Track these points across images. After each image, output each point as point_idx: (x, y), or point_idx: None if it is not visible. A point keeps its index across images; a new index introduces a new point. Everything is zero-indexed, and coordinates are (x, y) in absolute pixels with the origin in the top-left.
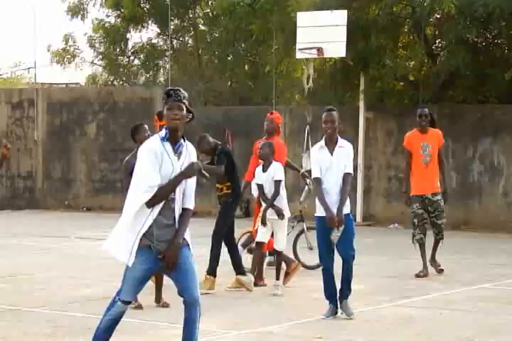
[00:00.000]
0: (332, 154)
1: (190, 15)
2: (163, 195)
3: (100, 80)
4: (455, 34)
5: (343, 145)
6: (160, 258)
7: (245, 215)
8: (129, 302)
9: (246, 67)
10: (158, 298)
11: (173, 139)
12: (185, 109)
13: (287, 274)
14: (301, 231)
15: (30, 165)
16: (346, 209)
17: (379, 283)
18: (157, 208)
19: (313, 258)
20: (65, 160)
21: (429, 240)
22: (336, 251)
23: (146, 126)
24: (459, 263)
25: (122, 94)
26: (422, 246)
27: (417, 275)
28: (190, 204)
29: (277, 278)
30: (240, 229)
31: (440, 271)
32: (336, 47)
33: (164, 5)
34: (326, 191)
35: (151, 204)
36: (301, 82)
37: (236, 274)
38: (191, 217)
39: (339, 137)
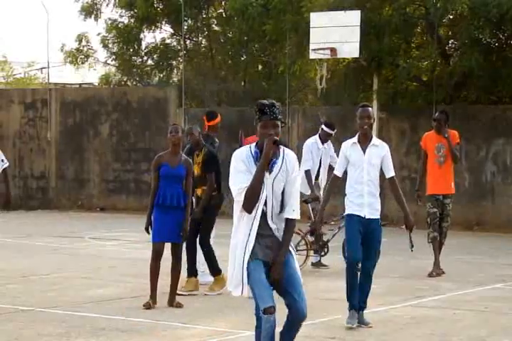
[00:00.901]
0: (364, 153)
1: (204, 16)
2: (253, 193)
3: (113, 80)
4: (468, 35)
5: (377, 144)
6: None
7: None
8: (273, 308)
9: (259, 67)
10: (171, 300)
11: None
12: (280, 125)
13: None
14: None
15: (43, 166)
16: (376, 214)
17: (392, 284)
18: (256, 223)
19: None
20: (78, 161)
21: (447, 242)
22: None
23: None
24: (472, 264)
25: (136, 94)
26: (435, 245)
27: (430, 275)
28: (290, 214)
29: None
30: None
31: (433, 275)
32: (350, 48)
33: (177, 5)
34: (356, 191)
35: (248, 208)
36: (315, 83)
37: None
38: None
39: (374, 136)
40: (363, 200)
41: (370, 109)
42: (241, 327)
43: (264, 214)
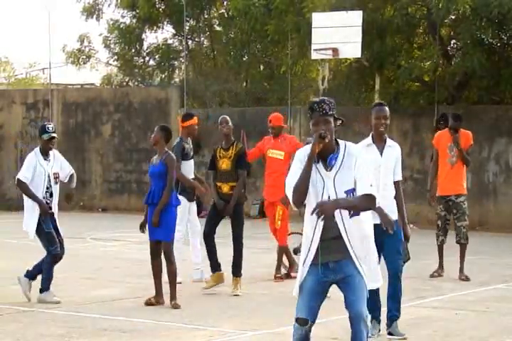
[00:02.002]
0: (382, 154)
1: (206, 16)
2: (300, 185)
3: (115, 81)
4: (470, 35)
5: (392, 146)
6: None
7: (261, 215)
8: (305, 321)
9: (261, 67)
10: (171, 299)
11: (323, 154)
12: (332, 121)
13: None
14: None
15: None
16: (392, 216)
17: None
18: (319, 226)
19: None
20: (80, 161)
21: (452, 242)
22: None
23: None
24: (474, 264)
25: (137, 95)
26: (441, 248)
27: (432, 276)
28: (364, 190)
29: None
30: (255, 229)
31: (464, 279)
32: (352, 48)
33: (179, 5)
34: None
35: (295, 201)
36: (317, 83)
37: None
38: None
39: (387, 136)
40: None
41: (386, 108)
42: (243, 328)
43: (330, 217)
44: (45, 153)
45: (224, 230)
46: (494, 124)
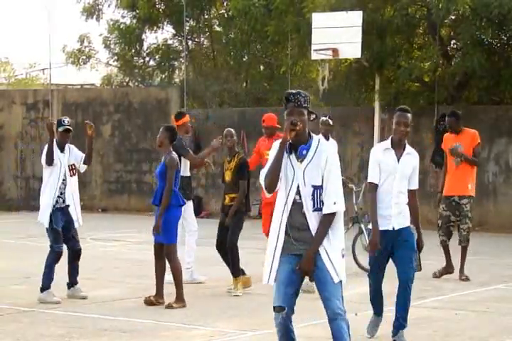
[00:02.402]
0: (399, 160)
1: (206, 17)
2: (270, 171)
3: (115, 81)
4: (470, 35)
5: (411, 153)
6: (296, 269)
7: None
8: (282, 308)
9: (261, 68)
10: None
11: (295, 145)
12: (306, 113)
13: None
14: (360, 233)
15: None
16: (405, 222)
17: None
18: (286, 212)
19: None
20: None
21: (454, 243)
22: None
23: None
24: (474, 264)
25: (137, 95)
26: (444, 248)
27: (435, 275)
28: (328, 208)
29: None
30: (255, 229)
31: (464, 280)
32: (351, 48)
33: (179, 6)
34: (384, 202)
35: (267, 186)
36: (317, 83)
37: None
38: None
39: (406, 142)
40: (390, 212)
41: (408, 114)
42: (243, 328)
43: (299, 205)
44: (61, 146)
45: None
46: (494, 124)
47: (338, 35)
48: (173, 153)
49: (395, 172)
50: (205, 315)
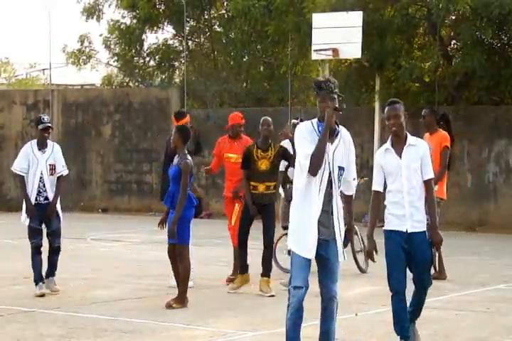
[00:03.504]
0: (401, 156)
1: (206, 17)
2: (317, 157)
3: (115, 81)
4: (470, 35)
5: (415, 144)
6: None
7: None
8: (301, 288)
9: (262, 68)
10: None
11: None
12: (336, 98)
13: None
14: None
15: None
16: (419, 226)
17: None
18: (322, 193)
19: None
20: (81, 162)
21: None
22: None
23: None
24: (475, 264)
25: (138, 95)
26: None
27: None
28: (351, 189)
29: None
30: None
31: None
32: (352, 49)
33: (180, 6)
34: (396, 201)
35: (314, 169)
36: None
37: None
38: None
39: (408, 134)
40: (404, 212)
41: (397, 105)
42: (243, 328)
43: (330, 181)
44: (41, 144)
45: (224, 231)
46: (494, 125)
47: (338, 36)
48: (189, 156)
49: (399, 169)
50: (205, 315)
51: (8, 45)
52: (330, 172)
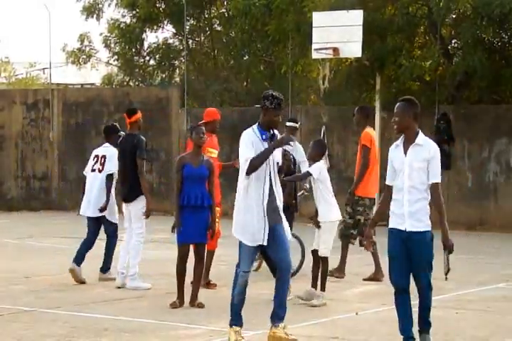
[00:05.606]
0: (406, 154)
1: (206, 16)
2: (257, 162)
3: (116, 80)
4: (471, 34)
5: (422, 144)
6: None
7: None
8: (249, 271)
9: (262, 67)
10: (193, 300)
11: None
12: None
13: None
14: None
15: (45, 166)
16: (419, 225)
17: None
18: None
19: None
20: (81, 161)
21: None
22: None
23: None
24: (475, 263)
25: (138, 95)
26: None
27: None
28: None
29: (321, 289)
30: None
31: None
32: (352, 48)
33: (180, 5)
34: (397, 199)
35: (249, 171)
36: (317, 83)
37: None
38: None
39: (421, 134)
40: (403, 210)
41: (402, 104)
42: (244, 327)
43: (271, 183)
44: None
45: (225, 230)
46: (495, 124)
47: (338, 35)
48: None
49: (403, 167)
50: (205, 315)
51: (8, 44)
52: (270, 168)
